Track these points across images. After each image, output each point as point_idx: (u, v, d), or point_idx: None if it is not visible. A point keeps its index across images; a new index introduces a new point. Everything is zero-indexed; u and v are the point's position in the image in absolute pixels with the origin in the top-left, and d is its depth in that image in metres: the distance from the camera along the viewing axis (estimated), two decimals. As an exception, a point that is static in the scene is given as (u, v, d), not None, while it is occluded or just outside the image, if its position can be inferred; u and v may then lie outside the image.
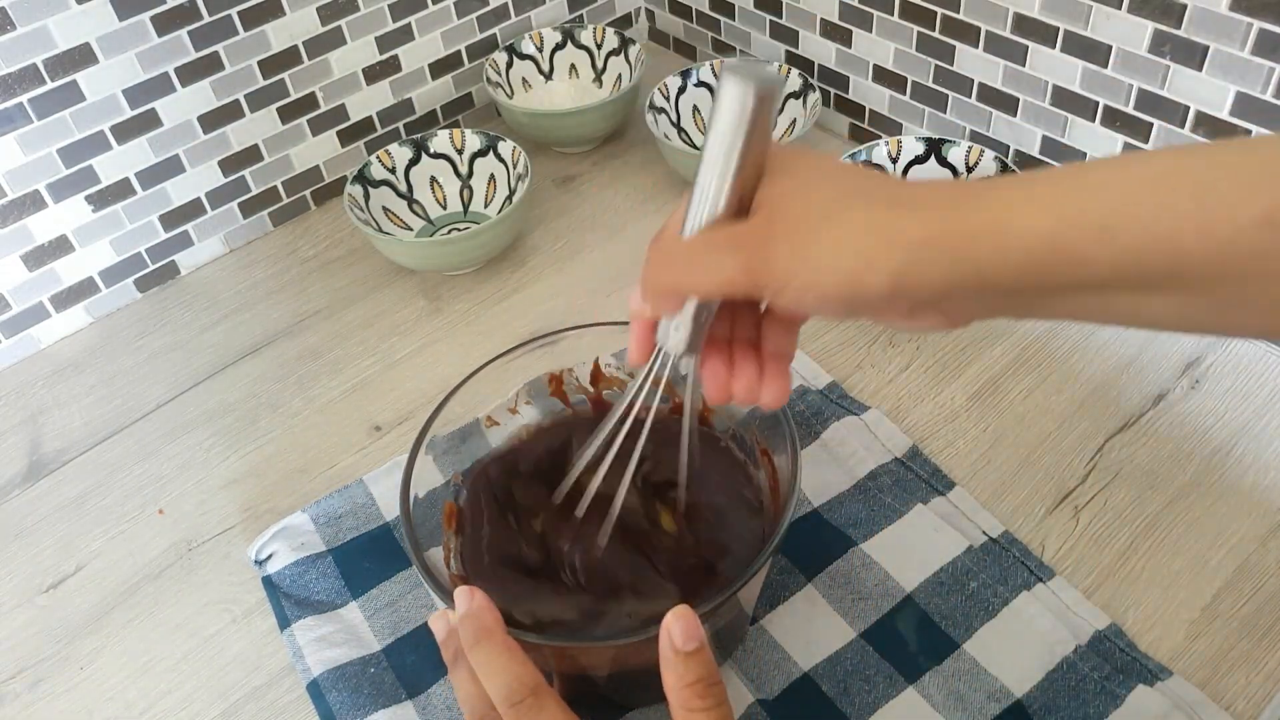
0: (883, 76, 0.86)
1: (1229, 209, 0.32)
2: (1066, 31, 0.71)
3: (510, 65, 0.96)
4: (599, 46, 0.97)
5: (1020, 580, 0.58)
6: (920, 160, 0.80)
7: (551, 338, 0.59)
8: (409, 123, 0.95)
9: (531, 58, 0.97)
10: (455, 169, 0.88)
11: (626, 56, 0.95)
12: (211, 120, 0.83)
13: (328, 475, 0.70)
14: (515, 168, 0.85)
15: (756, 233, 0.38)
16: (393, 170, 0.86)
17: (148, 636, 0.62)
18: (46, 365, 0.81)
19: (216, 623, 0.62)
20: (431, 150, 0.87)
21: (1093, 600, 0.57)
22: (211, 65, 0.81)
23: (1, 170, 0.75)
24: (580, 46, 0.97)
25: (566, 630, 0.50)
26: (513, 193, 0.85)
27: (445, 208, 0.88)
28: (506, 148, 0.86)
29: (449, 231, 0.86)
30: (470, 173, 0.88)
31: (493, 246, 0.81)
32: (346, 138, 0.91)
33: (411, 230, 0.86)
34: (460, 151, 0.87)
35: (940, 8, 0.78)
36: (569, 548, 0.53)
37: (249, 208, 0.89)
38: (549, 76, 0.98)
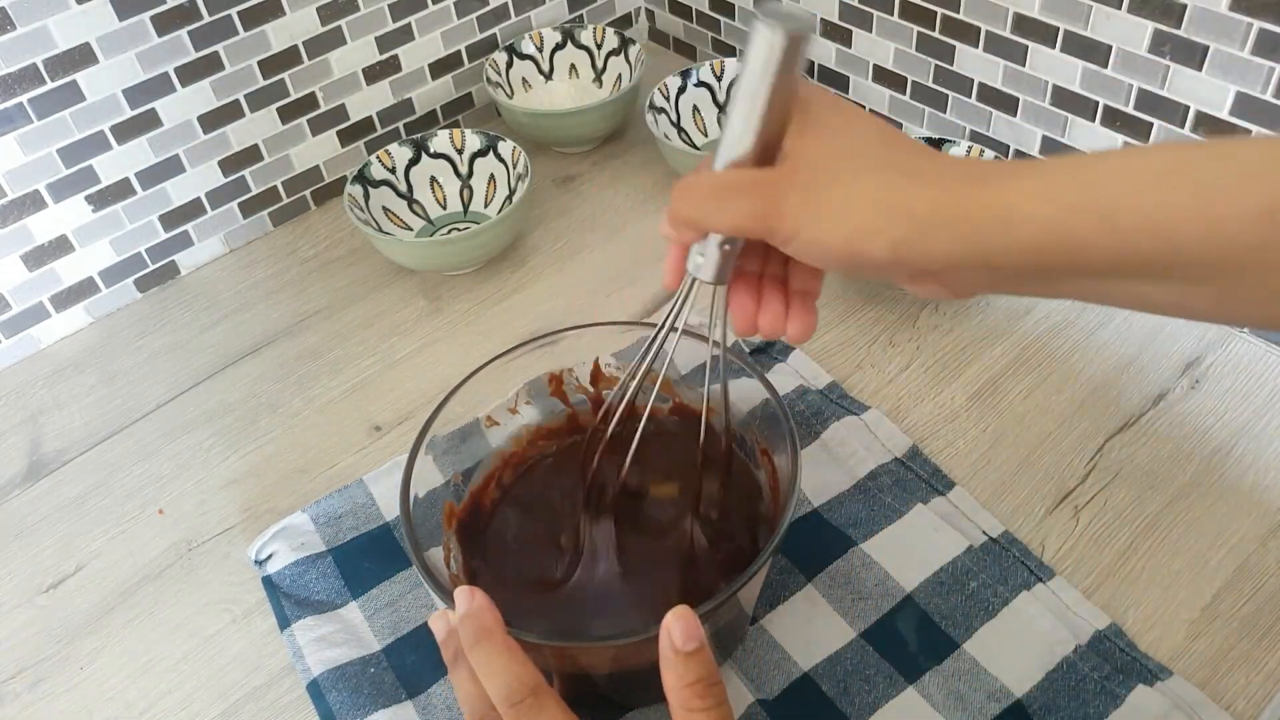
0: (883, 76, 0.86)
1: (1229, 202, 0.33)
2: (1066, 31, 0.71)
3: (510, 65, 0.96)
4: (599, 46, 0.97)
5: (1020, 580, 0.58)
6: (920, 160, 0.80)
7: (551, 338, 0.59)
8: (409, 123, 0.95)
9: (531, 58, 0.97)
10: (455, 169, 0.88)
11: (626, 56, 0.95)
12: (211, 120, 0.83)
13: (328, 475, 0.70)
14: (515, 168, 0.85)
15: (774, 181, 0.40)
16: (393, 170, 0.86)
17: (148, 636, 0.62)
18: (46, 365, 0.81)
19: (216, 623, 0.62)
20: (431, 150, 0.87)
21: (1093, 600, 0.57)
22: (211, 65, 0.81)
23: (1, 170, 0.75)
24: (580, 46, 0.97)
25: (569, 630, 0.50)
26: (513, 193, 0.85)
27: (445, 208, 0.88)
28: (506, 148, 0.86)
29: (449, 231, 0.86)
30: (470, 173, 0.88)
31: (493, 246, 0.81)
32: (346, 138, 0.91)
33: (411, 230, 0.86)
34: (460, 151, 0.87)
35: (940, 8, 0.78)
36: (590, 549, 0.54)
37: (249, 208, 0.89)
38: (549, 76, 0.98)
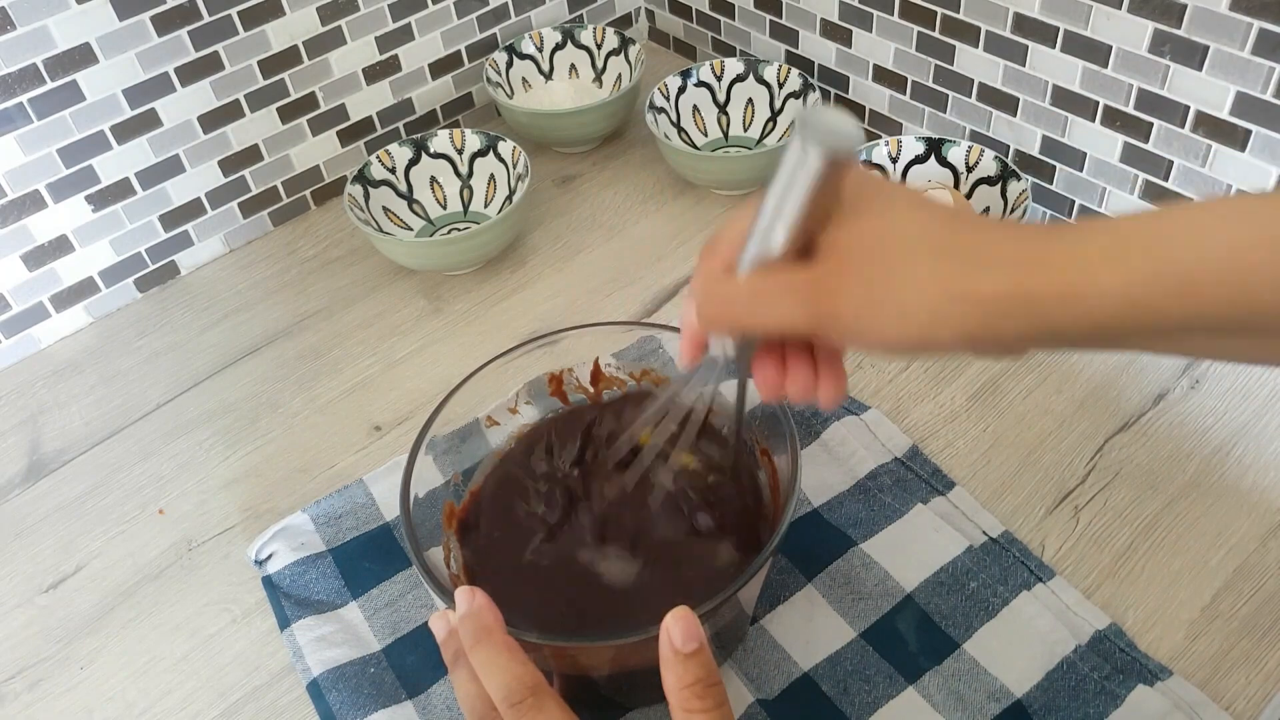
0: (883, 76, 0.86)
1: None
2: (1066, 31, 0.71)
3: (510, 65, 0.96)
4: (599, 46, 0.97)
5: (1020, 580, 0.58)
6: (920, 160, 0.80)
7: (551, 338, 0.59)
8: (409, 123, 0.95)
9: (531, 58, 0.97)
10: (455, 169, 0.88)
11: (626, 56, 0.95)
12: (211, 120, 0.83)
13: (328, 475, 0.70)
14: (515, 168, 0.85)
15: (823, 282, 0.37)
16: (393, 170, 0.86)
17: (148, 636, 0.62)
18: (46, 365, 0.81)
19: (216, 623, 0.62)
20: (431, 150, 0.87)
21: (1093, 600, 0.57)
22: (211, 65, 0.81)
23: (1, 170, 0.75)
24: (580, 46, 0.97)
25: (569, 629, 0.50)
26: (513, 193, 0.85)
27: (445, 208, 0.88)
28: (506, 148, 0.86)
29: (449, 231, 0.86)
30: (470, 173, 0.88)
31: (493, 246, 0.81)
32: (346, 138, 0.91)
33: (411, 230, 0.86)
34: (460, 151, 0.87)
35: (940, 8, 0.78)
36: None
37: (249, 208, 0.89)
38: (549, 76, 0.98)
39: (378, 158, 0.85)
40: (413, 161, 0.87)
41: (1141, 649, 0.55)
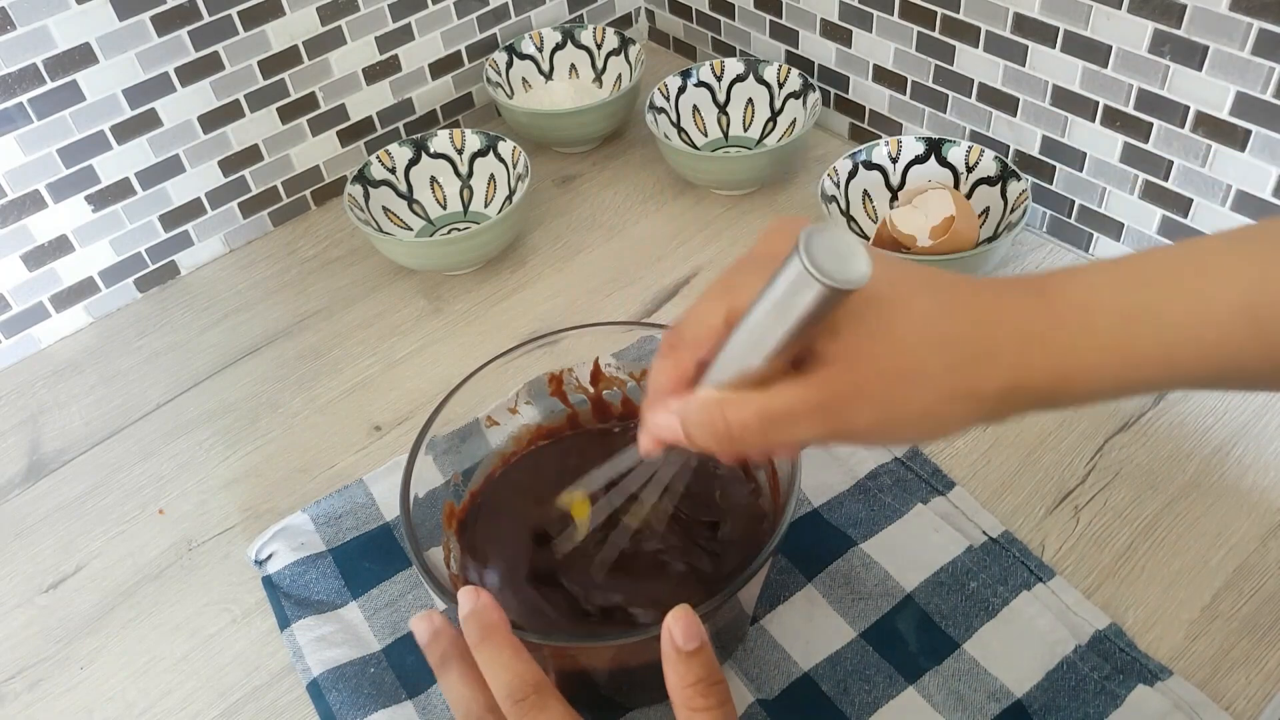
0: (883, 76, 0.86)
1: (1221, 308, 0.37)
2: (1066, 31, 0.71)
3: (510, 65, 0.96)
4: (599, 46, 0.97)
5: (1020, 580, 0.58)
6: (920, 160, 0.80)
7: (551, 338, 0.59)
8: (409, 123, 0.95)
9: (531, 58, 0.97)
10: (455, 169, 0.88)
11: (626, 56, 0.95)
12: (211, 120, 0.83)
13: (328, 475, 0.70)
14: (515, 168, 0.85)
15: (837, 404, 0.38)
16: (393, 170, 0.86)
17: (148, 636, 0.62)
18: (46, 365, 0.81)
19: (216, 623, 0.62)
20: (431, 150, 0.87)
21: (1093, 600, 0.57)
22: (211, 65, 0.81)
23: (1, 170, 0.75)
24: (580, 46, 0.97)
25: (569, 628, 0.50)
26: (513, 193, 0.85)
27: (445, 208, 0.88)
28: (506, 148, 0.86)
29: (449, 231, 0.86)
30: (470, 173, 0.88)
31: (493, 246, 0.81)
32: (346, 138, 0.91)
33: (411, 230, 0.86)
34: (460, 151, 0.87)
35: (940, 8, 0.78)
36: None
37: (249, 208, 0.89)
38: (549, 76, 0.98)
39: (378, 158, 0.85)
40: (413, 161, 0.87)
41: (1141, 649, 0.55)
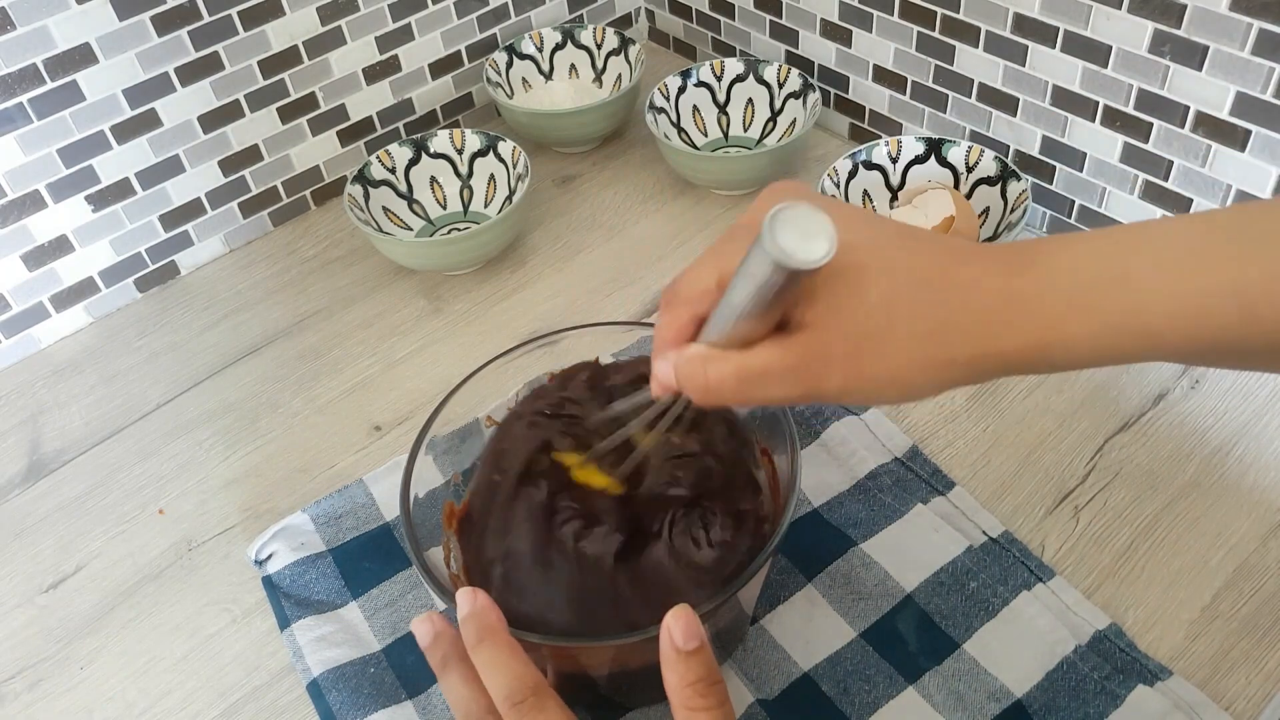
0: (883, 76, 0.86)
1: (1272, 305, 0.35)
2: (1066, 31, 0.71)
3: (510, 65, 0.96)
4: (599, 46, 0.97)
5: (1020, 580, 0.58)
6: (920, 160, 0.80)
7: (551, 338, 0.59)
8: (409, 123, 0.95)
9: (531, 58, 0.97)
10: (455, 169, 0.88)
11: (626, 56, 0.95)
12: (211, 120, 0.83)
13: (328, 475, 0.70)
14: (515, 168, 0.85)
15: (808, 365, 0.39)
16: (393, 170, 0.86)
17: (148, 636, 0.62)
18: (46, 365, 0.81)
19: (216, 623, 0.62)
20: (431, 150, 0.87)
21: (1093, 600, 0.57)
22: (211, 65, 0.81)
23: (1, 170, 0.75)
24: (580, 46, 0.97)
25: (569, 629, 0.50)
26: (513, 193, 0.85)
27: (445, 208, 0.88)
28: (506, 148, 0.86)
29: (449, 231, 0.86)
30: (470, 173, 0.88)
31: (493, 246, 0.81)
32: (346, 138, 0.91)
33: (411, 230, 0.86)
34: (460, 151, 0.88)
35: (940, 8, 0.78)
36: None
37: (249, 208, 0.89)
38: (549, 76, 0.98)
39: (378, 158, 0.85)
40: (413, 161, 0.87)
41: (1141, 649, 0.55)
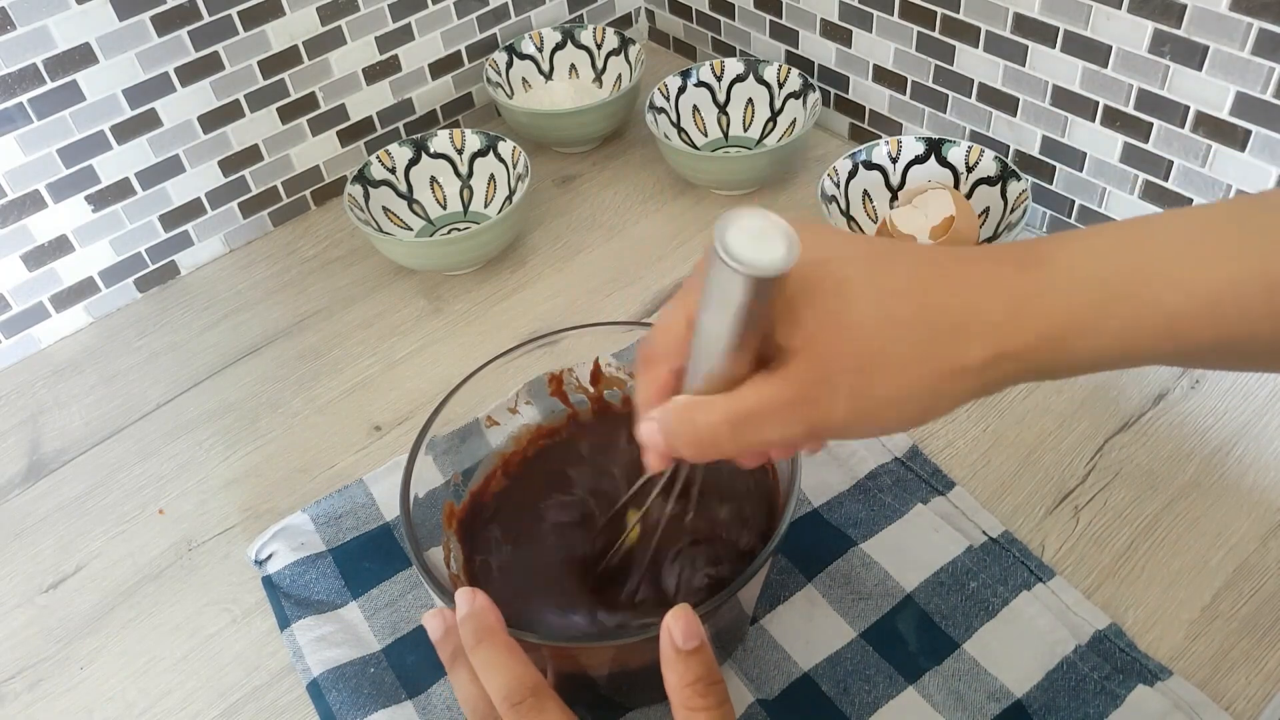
0: (883, 76, 0.86)
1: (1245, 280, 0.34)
2: (1066, 31, 0.71)
3: (510, 65, 0.96)
4: (599, 46, 0.97)
5: (1020, 580, 0.58)
6: (920, 160, 0.80)
7: (551, 338, 0.59)
8: (409, 123, 0.95)
9: (531, 58, 0.97)
10: (455, 169, 0.88)
11: (626, 56, 0.95)
12: (211, 120, 0.83)
13: (328, 475, 0.70)
14: (515, 168, 0.85)
15: (807, 398, 0.36)
16: (393, 170, 0.86)
17: (148, 636, 0.62)
18: (46, 365, 0.81)
19: (216, 623, 0.62)
20: (431, 150, 0.87)
21: (1093, 600, 0.57)
22: (211, 65, 0.81)
23: (1, 170, 0.75)
24: (580, 46, 0.97)
25: (569, 629, 0.50)
26: (513, 193, 0.85)
27: (445, 208, 0.88)
28: (506, 148, 0.86)
29: (449, 231, 0.86)
30: (470, 173, 0.88)
31: (493, 246, 0.81)
32: (346, 138, 0.91)
33: (411, 230, 0.86)
34: (460, 151, 0.87)
35: (940, 8, 0.78)
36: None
37: (249, 208, 0.89)
38: (549, 76, 0.98)
39: (378, 158, 0.85)
40: (413, 161, 0.87)
41: (1141, 649, 0.55)
